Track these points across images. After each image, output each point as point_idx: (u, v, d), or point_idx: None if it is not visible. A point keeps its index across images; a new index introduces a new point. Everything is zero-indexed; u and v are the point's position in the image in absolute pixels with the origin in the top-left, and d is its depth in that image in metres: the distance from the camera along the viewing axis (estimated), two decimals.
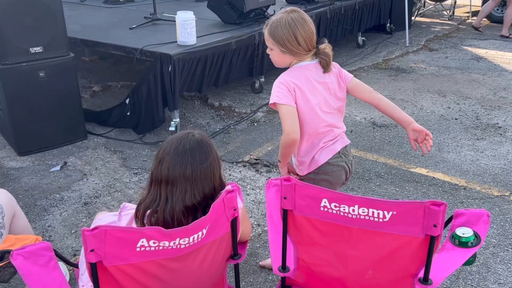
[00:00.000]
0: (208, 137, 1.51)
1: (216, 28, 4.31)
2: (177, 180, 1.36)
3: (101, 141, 3.63)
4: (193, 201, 1.39)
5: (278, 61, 1.92)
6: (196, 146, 1.41)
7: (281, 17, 1.84)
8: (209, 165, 1.41)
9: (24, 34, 3.14)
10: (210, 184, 1.42)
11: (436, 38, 7.21)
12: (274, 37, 1.84)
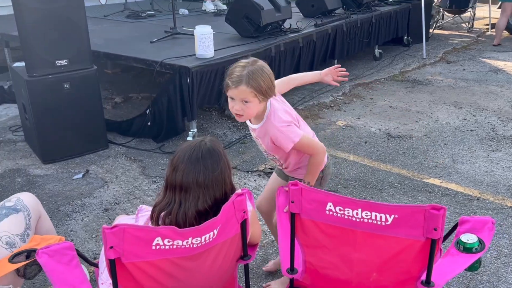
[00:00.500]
0: (220, 144, 1.59)
1: (233, 42, 4.43)
2: (190, 186, 1.45)
3: (122, 150, 3.76)
4: (204, 206, 1.47)
5: (254, 112, 1.85)
6: (208, 154, 1.49)
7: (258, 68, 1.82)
8: (220, 172, 1.49)
9: (50, 47, 3.30)
10: (221, 190, 1.50)
11: (454, 51, 7.21)
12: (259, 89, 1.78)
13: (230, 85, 1.80)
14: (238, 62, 1.87)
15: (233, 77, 1.80)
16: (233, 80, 1.79)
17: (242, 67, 1.81)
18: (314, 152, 1.95)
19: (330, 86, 5.41)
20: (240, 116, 1.85)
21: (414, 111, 4.61)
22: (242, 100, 1.80)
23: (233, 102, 1.83)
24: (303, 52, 4.95)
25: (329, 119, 4.44)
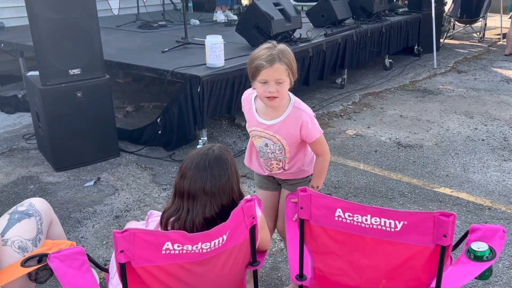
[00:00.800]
0: (228, 151, 1.59)
1: (244, 51, 4.46)
2: (197, 194, 1.46)
3: (133, 158, 3.79)
4: (212, 213, 1.48)
5: (285, 95, 1.85)
6: (215, 162, 1.50)
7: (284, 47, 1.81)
8: (227, 179, 1.50)
9: (64, 57, 3.36)
10: (228, 198, 1.51)
11: (465, 60, 7.18)
12: (291, 67, 1.78)
13: (264, 65, 1.74)
14: (260, 47, 1.82)
15: (265, 57, 1.75)
16: (267, 59, 1.74)
17: (269, 48, 1.78)
18: (326, 152, 1.97)
19: (340, 95, 5.44)
20: (274, 99, 1.80)
21: (424, 121, 4.59)
22: (276, 80, 1.76)
23: (265, 85, 1.78)
24: (313, 62, 4.97)
25: (339, 128, 4.44)
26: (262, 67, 1.75)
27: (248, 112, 1.99)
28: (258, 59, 1.77)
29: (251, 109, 1.95)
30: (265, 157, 2.02)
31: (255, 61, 1.78)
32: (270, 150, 1.98)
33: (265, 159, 2.03)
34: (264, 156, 2.02)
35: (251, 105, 1.96)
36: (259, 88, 1.82)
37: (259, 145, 2.00)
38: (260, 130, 1.94)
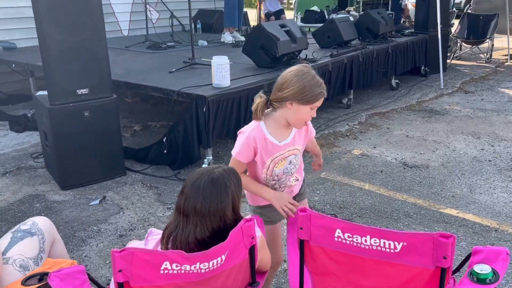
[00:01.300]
0: (232, 175, 1.54)
1: (250, 72, 4.51)
2: (190, 213, 1.46)
3: (139, 177, 3.81)
4: (202, 235, 1.45)
5: None
6: (211, 184, 1.47)
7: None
8: (219, 203, 1.46)
9: (72, 77, 3.42)
10: (219, 222, 1.47)
11: (472, 81, 7.18)
12: None
13: (324, 95, 1.83)
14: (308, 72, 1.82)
15: (323, 86, 1.82)
16: (324, 88, 1.83)
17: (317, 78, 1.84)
18: None
19: (346, 115, 5.46)
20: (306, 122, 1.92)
21: (431, 141, 4.57)
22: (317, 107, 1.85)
23: (311, 111, 1.83)
24: None
25: (345, 148, 4.44)
26: (322, 95, 1.82)
27: (263, 145, 1.89)
28: (319, 87, 1.80)
29: (267, 139, 1.88)
30: (288, 175, 1.98)
31: (317, 89, 1.80)
32: (293, 164, 1.97)
33: (286, 177, 1.98)
34: (288, 174, 1.98)
35: (266, 135, 1.88)
36: (306, 114, 1.83)
37: (284, 166, 1.94)
38: (283, 151, 1.92)
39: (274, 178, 1.95)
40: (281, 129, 1.90)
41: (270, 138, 1.87)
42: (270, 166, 1.91)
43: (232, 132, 4.07)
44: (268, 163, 1.91)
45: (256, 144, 1.87)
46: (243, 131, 1.92)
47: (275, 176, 1.95)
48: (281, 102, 1.83)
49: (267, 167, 1.92)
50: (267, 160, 1.90)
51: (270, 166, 1.91)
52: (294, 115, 1.83)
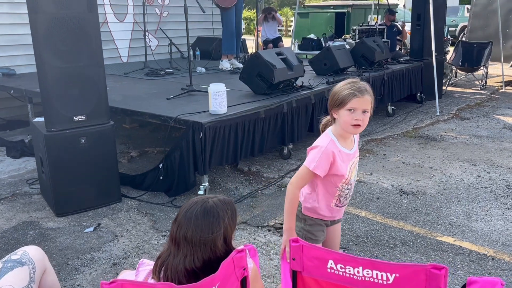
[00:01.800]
0: (227, 206, 1.53)
1: (247, 98, 4.55)
2: (180, 241, 1.45)
3: (134, 204, 3.79)
4: (192, 265, 1.44)
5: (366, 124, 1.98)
6: (203, 214, 1.47)
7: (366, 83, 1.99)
8: (211, 233, 1.45)
9: (69, 104, 3.44)
10: (209, 253, 1.46)
11: (467, 107, 7.24)
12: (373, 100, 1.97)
13: (356, 94, 1.89)
14: (342, 83, 1.96)
15: (355, 88, 1.90)
16: (357, 90, 1.90)
17: (354, 82, 1.94)
18: None
19: None
20: (358, 126, 1.93)
21: (427, 167, 4.58)
22: (363, 110, 1.91)
23: (352, 113, 1.90)
24: (316, 109, 5.04)
25: None
26: (354, 95, 1.90)
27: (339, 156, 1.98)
28: (347, 90, 1.92)
29: (341, 150, 1.99)
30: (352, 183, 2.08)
31: (343, 91, 1.92)
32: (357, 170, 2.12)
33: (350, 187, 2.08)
34: (352, 181, 2.08)
35: (338, 146, 2.00)
36: (346, 116, 1.92)
37: (354, 175, 2.07)
38: (354, 159, 2.06)
39: (348, 187, 2.07)
40: (346, 139, 2.02)
41: (342, 149, 2.00)
42: (348, 174, 2.02)
43: (230, 158, 4.08)
44: (348, 173, 2.01)
45: (334, 156, 1.97)
46: (317, 146, 2.01)
47: (349, 185, 2.06)
48: (331, 114, 2.00)
49: (347, 175, 2.02)
50: (346, 170, 2.00)
51: (348, 174, 2.02)
52: (340, 121, 1.96)
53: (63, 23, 3.29)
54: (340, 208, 2.14)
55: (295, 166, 4.62)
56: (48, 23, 3.26)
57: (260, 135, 4.32)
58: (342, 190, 2.05)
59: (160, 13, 7.97)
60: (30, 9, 3.25)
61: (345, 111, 1.92)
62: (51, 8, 3.24)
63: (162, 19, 8.01)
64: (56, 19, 3.27)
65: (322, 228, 2.15)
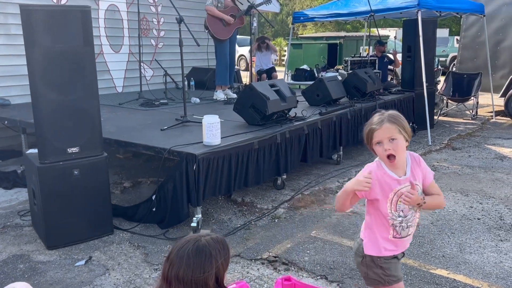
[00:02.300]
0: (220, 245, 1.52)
1: (240, 129, 4.58)
2: (172, 280, 1.44)
3: (126, 236, 3.76)
4: None
5: (402, 149, 1.99)
6: (195, 253, 1.46)
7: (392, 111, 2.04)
8: (202, 273, 1.44)
9: (63, 136, 3.45)
10: None
11: (459, 137, 7.32)
12: (401, 125, 1.98)
13: (375, 128, 1.96)
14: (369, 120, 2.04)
15: (375, 121, 1.97)
16: (376, 122, 1.97)
17: (379, 115, 2.00)
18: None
19: (337, 172, 5.49)
20: (393, 158, 1.94)
21: None
22: (388, 138, 1.94)
23: (381, 146, 1.95)
24: (309, 139, 5.08)
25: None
26: (374, 130, 1.97)
27: (384, 179, 2.00)
28: (370, 125, 2.00)
29: (386, 173, 2.00)
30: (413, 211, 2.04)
31: (366, 130, 2.01)
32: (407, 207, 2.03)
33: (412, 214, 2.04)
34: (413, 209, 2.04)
35: (385, 170, 2.01)
36: (378, 151, 1.99)
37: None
38: (403, 185, 2.00)
39: (400, 214, 2.02)
40: (396, 167, 2.01)
41: (390, 173, 2.01)
42: (393, 199, 2.00)
43: (224, 190, 4.08)
44: (391, 196, 2.00)
45: (377, 179, 1.98)
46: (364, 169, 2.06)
47: (400, 212, 2.02)
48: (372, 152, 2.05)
49: (391, 200, 2.00)
50: (389, 194, 2.00)
51: (393, 199, 2.00)
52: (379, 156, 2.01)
53: (59, 57, 3.34)
54: (401, 240, 2.07)
55: (289, 197, 4.63)
56: (45, 56, 3.30)
57: (254, 166, 4.34)
58: (394, 218, 2.02)
59: (155, 44, 8.09)
60: (27, 43, 3.29)
61: (375, 146, 1.98)
62: (47, 42, 3.29)
63: (158, 50, 8.12)
64: (52, 53, 3.32)
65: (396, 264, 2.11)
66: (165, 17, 8.11)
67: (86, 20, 3.42)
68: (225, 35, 6.39)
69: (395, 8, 7.59)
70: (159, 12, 8.06)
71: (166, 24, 8.15)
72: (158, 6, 8.02)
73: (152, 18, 7.97)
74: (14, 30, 5.97)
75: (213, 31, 6.28)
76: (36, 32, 3.25)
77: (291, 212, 4.29)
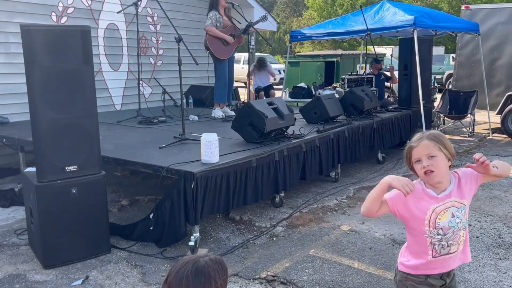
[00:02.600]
0: (218, 265, 1.51)
1: (238, 147, 4.59)
2: None
3: (124, 255, 3.73)
4: None
5: (443, 167, 1.93)
6: (194, 275, 1.44)
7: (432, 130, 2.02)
8: None
9: (62, 154, 3.45)
10: None
11: (457, 155, 7.31)
12: (441, 142, 1.94)
13: (413, 145, 1.94)
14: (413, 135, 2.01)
15: (414, 139, 1.95)
16: (415, 140, 1.95)
17: (421, 133, 1.98)
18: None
19: (335, 189, 5.49)
20: (431, 173, 1.90)
21: None
22: (427, 155, 1.90)
23: (420, 163, 1.92)
24: (307, 157, 5.09)
25: (334, 223, 4.43)
26: (412, 147, 1.95)
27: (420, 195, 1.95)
28: (408, 145, 1.98)
29: (424, 190, 1.95)
30: (455, 230, 1.96)
31: (406, 146, 1.99)
32: (457, 218, 1.96)
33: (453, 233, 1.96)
34: (454, 228, 1.96)
35: (423, 187, 1.96)
36: (417, 169, 1.94)
37: (448, 219, 1.94)
38: (442, 203, 1.95)
39: (439, 232, 1.95)
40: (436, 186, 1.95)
41: (428, 190, 1.95)
42: (431, 217, 1.94)
43: (222, 208, 4.07)
44: (429, 214, 1.94)
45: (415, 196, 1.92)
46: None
47: (440, 230, 1.95)
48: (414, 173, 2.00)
49: (428, 218, 1.94)
50: (427, 211, 1.94)
51: (431, 217, 1.94)
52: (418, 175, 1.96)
53: (59, 76, 3.37)
54: (442, 258, 1.98)
55: (287, 215, 4.61)
56: (44, 75, 3.32)
57: (253, 183, 4.33)
58: (432, 236, 1.95)
59: (154, 63, 8.15)
60: (27, 62, 3.32)
61: (414, 165, 1.95)
62: (47, 61, 3.32)
63: (156, 68, 8.19)
64: (52, 72, 3.34)
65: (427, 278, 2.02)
66: (164, 35, 8.20)
67: (86, 40, 3.45)
68: (226, 55, 6.45)
69: (391, 27, 7.69)
70: (158, 30, 8.14)
71: (164, 42, 8.24)
72: (157, 25, 8.11)
73: (151, 36, 8.05)
74: (14, 48, 6.02)
75: (214, 52, 6.33)
76: (36, 52, 3.28)
77: (290, 230, 4.27)
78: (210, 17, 6.29)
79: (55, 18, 6.52)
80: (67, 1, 6.65)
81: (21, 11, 6.11)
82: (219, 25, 6.37)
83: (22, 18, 6.08)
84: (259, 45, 32.18)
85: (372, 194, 1.97)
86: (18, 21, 5.99)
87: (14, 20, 6.00)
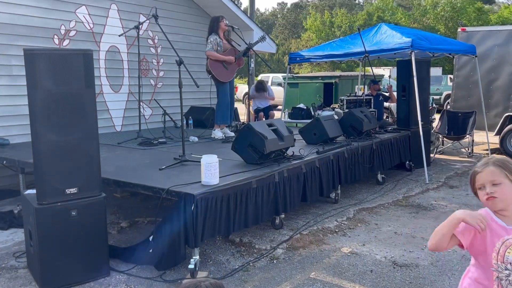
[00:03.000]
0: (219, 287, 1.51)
1: (238, 168, 4.60)
2: None
3: (123, 278, 3.70)
4: None
5: (508, 194, 1.84)
6: None
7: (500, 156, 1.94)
8: None
9: (62, 176, 3.46)
10: None
11: (456, 175, 7.35)
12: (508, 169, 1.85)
13: (477, 171, 1.88)
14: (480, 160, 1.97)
15: (479, 164, 1.89)
16: (480, 165, 1.88)
17: (488, 158, 1.92)
18: None
19: (335, 211, 5.48)
20: (493, 199, 1.83)
21: (419, 238, 4.57)
22: (491, 182, 1.83)
23: (483, 190, 1.86)
24: (308, 178, 5.09)
25: (334, 246, 4.40)
26: (476, 173, 1.89)
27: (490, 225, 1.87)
28: (472, 171, 1.92)
29: (493, 219, 1.88)
30: None
31: (471, 171, 1.93)
32: None
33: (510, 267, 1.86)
34: None
35: (493, 217, 1.89)
36: (480, 195, 1.89)
37: None
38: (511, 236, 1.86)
39: (507, 267, 1.84)
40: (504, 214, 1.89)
41: (497, 220, 1.88)
42: (500, 250, 1.84)
43: (223, 230, 4.04)
44: (498, 246, 1.84)
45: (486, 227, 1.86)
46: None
47: (508, 264, 1.84)
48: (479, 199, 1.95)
49: (497, 251, 1.85)
50: (496, 243, 1.85)
51: (500, 250, 1.84)
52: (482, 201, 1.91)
53: (60, 99, 3.40)
54: None
55: (287, 237, 4.59)
56: (46, 98, 3.35)
57: (253, 205, 4.32)
58: (500, 271, 1.84)
59: (154, 84, 8.22)
60: (29, 85, 3.35)
61: (478, 191, 1.90)
62: (49, 84, 3.35)
63: (157, 90, 8.25)
64: (53, 95, 3.37)
65: None
66: (165, 57, 8.28)
67: (88, 63, 3.49)
68: (227, 77, 6.53)
69: (389, 49, 7.78)
70: (159, 53, 8.23)
71: (165, 64, 8.32)
72: (158, 47, 8.21)
73: (152, 59, 8.14)
74: (16, 71, 6.08)
75: (217, 75, 6.40)
76: (38, 75, 3.31)
77: (290, 252, 4.25)
78: (210, 42, 6.37)
79: (57, 41, 6.59)
80: (69, 24, 6.74)
81: (23, 34, 6.19)
82: (219, 49, 6.45)
83: (24, 41, 6.15)
84: (259, 66, 32.48)
85: (442, 230, 1.90)
86: (20, 44, 6.06)
87: (16, 43, 6.07)
